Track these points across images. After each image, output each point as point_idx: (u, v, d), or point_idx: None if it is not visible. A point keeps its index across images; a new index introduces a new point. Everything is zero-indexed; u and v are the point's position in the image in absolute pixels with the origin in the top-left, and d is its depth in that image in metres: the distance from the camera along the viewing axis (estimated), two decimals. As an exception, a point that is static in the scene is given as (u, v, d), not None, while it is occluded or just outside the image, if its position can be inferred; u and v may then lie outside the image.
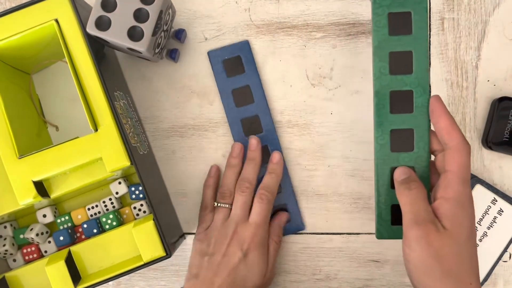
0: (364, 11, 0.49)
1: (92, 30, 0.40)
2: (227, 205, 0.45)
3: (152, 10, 0.40)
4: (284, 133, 0.49)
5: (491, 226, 0.46)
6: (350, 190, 0.49)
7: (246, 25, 0.49)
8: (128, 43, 0.40)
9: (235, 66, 0.49)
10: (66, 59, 0.41)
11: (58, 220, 0.45)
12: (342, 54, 0.49)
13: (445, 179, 0.36)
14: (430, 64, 0.49)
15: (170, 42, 0.48)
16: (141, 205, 0.46)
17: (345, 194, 0.49)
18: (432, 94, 0.48)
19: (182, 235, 0.49)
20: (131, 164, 0.40)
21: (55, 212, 0.46)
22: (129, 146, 0.40)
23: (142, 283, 0.50)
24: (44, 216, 0.45)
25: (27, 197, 0.40)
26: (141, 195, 0.45)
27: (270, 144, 0.49)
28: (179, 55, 0.48)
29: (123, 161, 0.40)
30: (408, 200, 0.37)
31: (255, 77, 0.49)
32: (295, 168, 0.49)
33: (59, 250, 0.44)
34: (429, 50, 0.41)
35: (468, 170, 0.36)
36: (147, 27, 0.40)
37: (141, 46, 0.40)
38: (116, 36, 0.40)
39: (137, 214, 0.46)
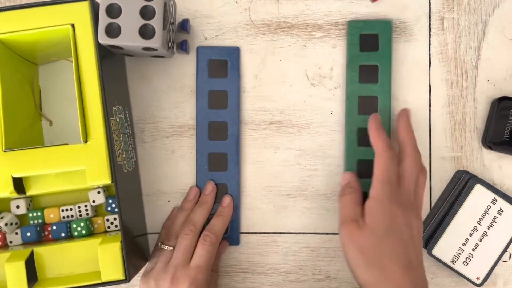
0: (364, 11, 0.49)
1: (104, 39, 0.40)
2: (171, 248, 0.44)
3: (157, 4, 0.40)
4: (284, 133, 0.49)
5: (491, 226, 0.46)
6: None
7: (246, 25, 0.49)
8: (142, 43, 0.40)
9: (219, 68, 0.48)
10: (73, 66, 0.41)
11: (30, 215, 0.45)
12: (342, 54, 0.49)
13: (372, 180, 0.42)
14: (430, 64, 0.49)
15: (177, 35, 0.48)
16: (114, 219, 0.46)
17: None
18: (432, 93, 0.49)
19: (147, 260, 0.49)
20: (112, 182, 0.41)
21: (29, 204, 0.46)
22: (114, 164, 0.41)
23: (142, 283, 0.50)
24: (18, 207, 0.45)
25: (3, 191, 0.40)
26: (116, 209, 0.45)
27: (229, 153, 0.48)
28: (189, 45, 0.48)
29: (105, 178, 0.40)
30: (341, 204, 0.43)
31: (235, 84, 0.48)
32: (295, 168, 0.49)
33: (24, 244, 0.45)
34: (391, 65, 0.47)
35: (387, 172, 0.41)
36: (157, 22, 0.40)
37: (155, 43, 0.40)
38: (128, 39, 0.40)
39: (109, 227, 0.46)
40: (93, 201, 0.45)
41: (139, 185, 0.49)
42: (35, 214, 0.46)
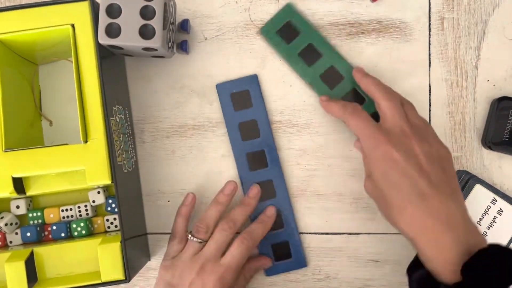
0: (364, 11, 0.49)
1: (104, 39, 0.40)
2: (201, 241, 0.44)
3: (157, 4, 0.40)
4: (284, 133, 0.49)
5: (491, 226, 0.46)
6: (350, 190, 0.49)
7: (246, 25, 0.49)
8: (142, 43, 0.40)
9: (243, 99, 0.48)
10: (73, 66, 0.41)
11: (30, 215, 0.46)
12: (342, 54, 0.49)
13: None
14: (430, 64, 0.49)
15: (177, 35, 0.48)
16: (114, 219, 0.46)
17: (345, 194, 0.49)
18: (432, 93, 0.49)
19: (148, 259, 0.49)
20: (112, 182, 0.41)
21: (29, 204, 0.46)
22: (114, 164, 0.41)
23: (142, 283, 0.50)
24: (18, 207, 0.45)
25: (3, 191, 0.41)
26: (116, 209, 0.45)
27: (274, 179, 0.48)
28: (189, 46, 0.48)
29: (105, 178, 0.40)
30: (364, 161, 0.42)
31: (262, 111, 0.48)
32: (295, 168, 0.49)
33: (24, 244, 0.45)
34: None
35: (363, 130, 0.41)
36: (157, 22, 0.40)
37: (155, 43, 0.40)
38: (128, 39, 0.40)
39: (108, 227, 0.46)
40: (93, 201, 0.45)
41: (139, 185, 0.49)
42: (35, 214, 0.46)
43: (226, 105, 0.48)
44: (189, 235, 0.44)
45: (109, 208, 0.46)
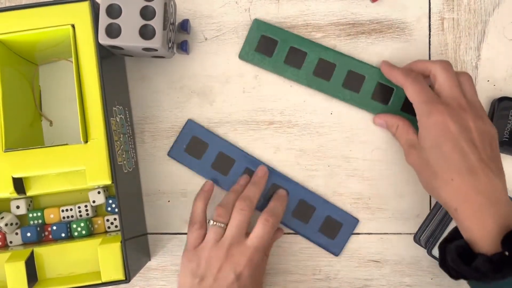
0: (364, 11, 0.49)
1: (104, 40, 0.40)
2: (222, 225, 0.43)
3: (157, 5, 0.40)
4: (284, 133, 0.49)
5: (491, 226, 0.46)
6: (350, 190, 0.49)
7: (246, 25, 0.49)
8: (142, 43, 0.40)
9: (197, 146, 0.48)
10: (73, 66, 0.41)
11: (30, 215, 0.46)
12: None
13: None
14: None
15: (177, 35, 0.48)
16: (115, 219, 0.46)
17: (345, 194, 0.49)
18: (432, 94, 0.49)
19: (148, 259, 0.49)
20: (112, 182, 0.41)
21: (29, 205, 0.46)
22: (114, 164, 0.41)
23: (142, 283, 0.50)
24: (18, 207, 0.45)
25: (3, 191, 0.41)
26: (116, 209, 0.45)
27: (276, 182, 0.48)
28: (189, 46, 0.48)
29: (105, 179, 0.40)
30: (398, 137, 0.45)
31: (219, 141, 0.48)
32: (295, 168, 0.49)
33: (24, 244, 0.45)
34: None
35: (420, 93, 0.41)
36: (157, 23, 0.40)
37: (155, 43, 0.40)
38: (129, 39, 0.40)
39: (109, 227, 0.46)
40: (93, 201, 0.45)
41: (139, 185, 0.49)
42: (35, 214, 0.46)
43: (189, 161, 0.49)
44: (210, 221, 0.44)
45: (109, 208, 0.46)
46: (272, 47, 0.48)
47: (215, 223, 0.43)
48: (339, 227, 0.48)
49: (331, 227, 0.48)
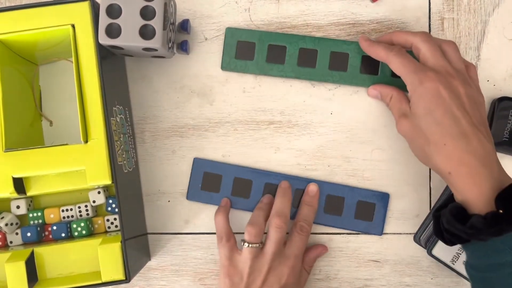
0: (364, 11, 0.49)
1: (104, 40, 0.40)
2: (257, 245, 0.43)
3: (157, 5, 0.40)
4: (284, 133, 0.49)
5: (491, 226, 0.46)
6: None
7: (246, 25, 0.49)
8: (142, 43, 0.40)
9: (212, 181, 0.48)
10: (73, 66, 0.41)
11: (30, 215, 0.46)
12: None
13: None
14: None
15: (177, 35, 0.48)
16: (115, 219, 0.46)
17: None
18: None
19: (148, 259, 0.49)
20: (112, 182, 0.41)
21: (29, 205, 0.46)
22: (115, 164, 0.41)
23: (142, 283, 0.50)
24: (18, 207, 0.45)
25: (3, 191, 0.41)
26: (116, 209, 0.45)
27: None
28: (189, 46, 0.48)
29: (105, 179, 0.40)
30: (390, 106, 0.45)
31: (231, 168, 0.48)
32: (295, 168, 0.49)
33: (24, 244, 0.45)
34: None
35: (406, 65, 0.41)
36: (157, 23, 0.40)
37: (155, 43, 0.40)
38: (129, 39, 0.40)
39: (109, 227, 0.46)
40: (93, 201, 0.45)
41: (139, 185, 0.49)
42: (35, 214, 0.46)
43: (211, 198, 0.49)
44: (244, 244, 0.44)
45: (109, 208, 0.46)
46: (251, 50, 0.48)
47: (250, 245, 0.44)
48: (373, 207, 0.48)
49: (365, 210, 0.48)
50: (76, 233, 0.45)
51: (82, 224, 0.44)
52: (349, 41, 0.48)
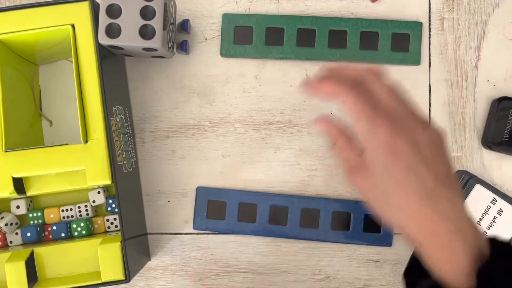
0: (364, 11, 0.49)
1: (104, 40, 0.40)
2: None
3: (157, 5, 0.40)
4: (284, 133, 0.49)
5: (490, 226, 0.46)
6: (350, 190, 0.49)
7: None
8: (142, 43, 0.40)
9: (217, 208, 0.49)
10: (73, 66, 0.41)
11: (30, 215, 0.46)
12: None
13: None
14: (430, 64, 0.49)
15: (177, 35, 0.48)
16: (115, 219, 0.46)
17: (345, 194, 0.49)
18: (432, 93, 0.49)
19: (147, 259, 0.49)
20: (112, 182, 0.41)
21: (29, 205, 0.46)
22: (114, 164, 0.41)
23: (142, 283, 0.50)
24: (18, 207, 0.45)
25: (3, 191, 0.41)
26: (116, 209, 0.45)
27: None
28: (189, 46, 0.48)
29: (105, 179, 0.40)
30: (338, 155, 0.37)
31: (234, 193, 0.48)
32: (295, 168, 0.49)
33: (24, 244, 0.45)
34: None
35: (357, 107, 0.34)
36: (157, 23, 0.40)
37: (155, 43, 0.40)
38: (128, 39, 0.40)
39: (109, 227, 0.46)
40: (93, 201, 0.45)
41: (139, 185, 0.49)
42: (35, 214, 0.46)
43: (217, 226, 0.49)
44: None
45: (109, 208, 0.46)
46: (249, 34, 0.48)
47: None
48: (380, 220, 0.48)
49: (372, 222, 0.48)
50: (76, 233, 0.45)
51: (82, 224, 0.44)
52: (347, 18, 0.48)
